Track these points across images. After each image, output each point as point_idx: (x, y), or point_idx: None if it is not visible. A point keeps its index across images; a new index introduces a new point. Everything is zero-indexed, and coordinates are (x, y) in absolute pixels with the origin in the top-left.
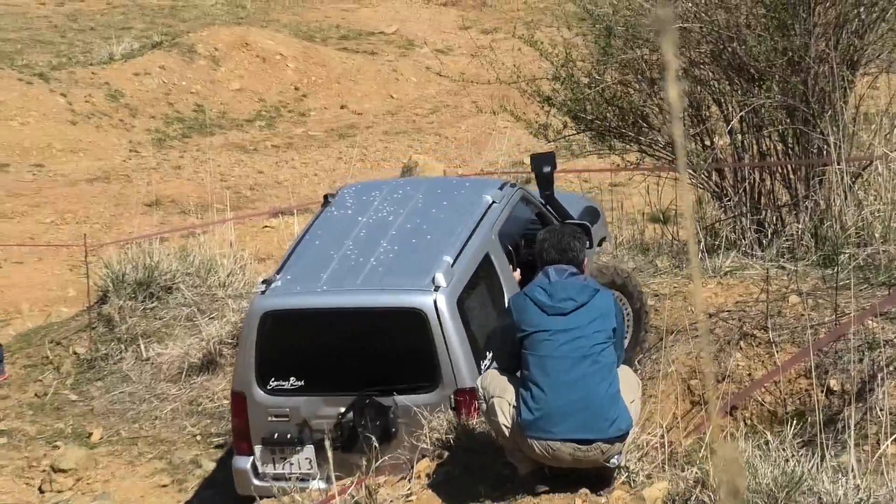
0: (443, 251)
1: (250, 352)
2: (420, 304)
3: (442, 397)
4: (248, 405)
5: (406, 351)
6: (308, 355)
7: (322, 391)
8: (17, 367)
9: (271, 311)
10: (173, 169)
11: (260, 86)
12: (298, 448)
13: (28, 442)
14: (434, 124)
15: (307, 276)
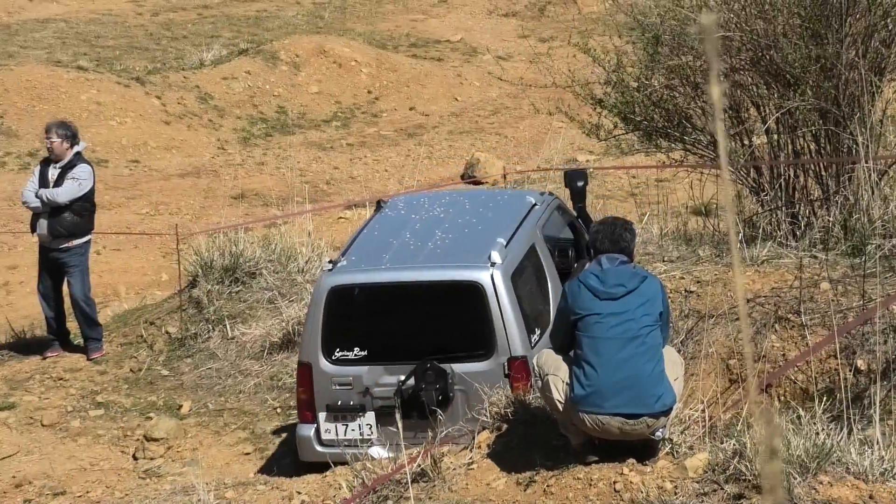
0: (495, 236)
1: (317, 325)
2: (478, 278)
3: (496, 365)
4: (314, 375)
5: (463, 322)
6: (371, 327)
7: (384, 360)
8: (114, 345)
9: (338, 287)
10: (257, 165)
11: (336, 89)
12: (360, 414)
13: (123, 413)
14: (495, 124)
15: (370, 257)
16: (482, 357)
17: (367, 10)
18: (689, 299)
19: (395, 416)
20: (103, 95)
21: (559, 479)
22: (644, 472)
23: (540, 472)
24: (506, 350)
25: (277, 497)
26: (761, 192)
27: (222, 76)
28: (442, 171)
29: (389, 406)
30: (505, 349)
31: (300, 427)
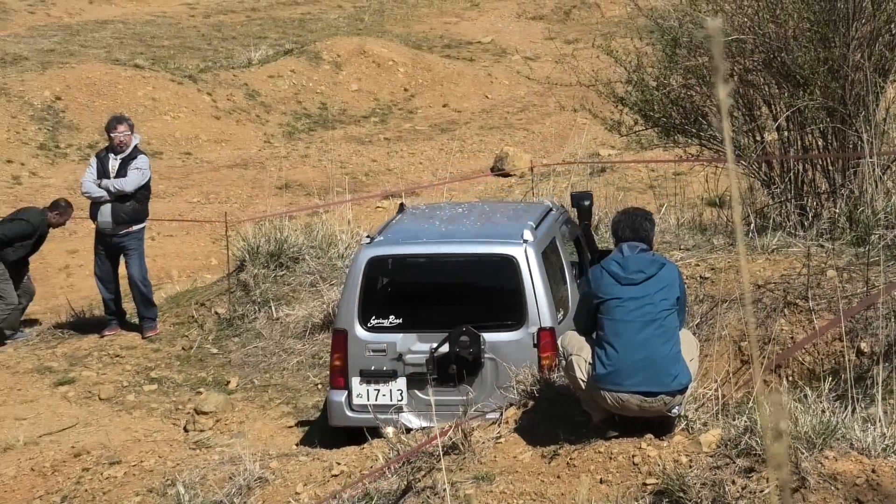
0: (522, 224)
1: (354, 294)
2: (512, 252)
3: (526, 335)
4: (349, 341)
5: (496, 294)
6: (407, 296)
7: (417, 329)
8: (167, 324)
9: (376, 257)
10: (300, 157)
11: (375, 87)
12: (392, 380)
13: (175, 388)
14: (523, 121)
15: (405, 236)
16: (513, 327)
17: (403, 14)
18: (704, 285)
19: (426, 381)
20: (158, 92)
21: (581, 453)
22: (661, 447)
23: (563, 445)
24: (535, 321)
25: (318, 467)
26: (772, 185)
27: (269, 74)
28: (473, 164)
29: (421, 372)
30: (535, 320)
31: (331, 393)
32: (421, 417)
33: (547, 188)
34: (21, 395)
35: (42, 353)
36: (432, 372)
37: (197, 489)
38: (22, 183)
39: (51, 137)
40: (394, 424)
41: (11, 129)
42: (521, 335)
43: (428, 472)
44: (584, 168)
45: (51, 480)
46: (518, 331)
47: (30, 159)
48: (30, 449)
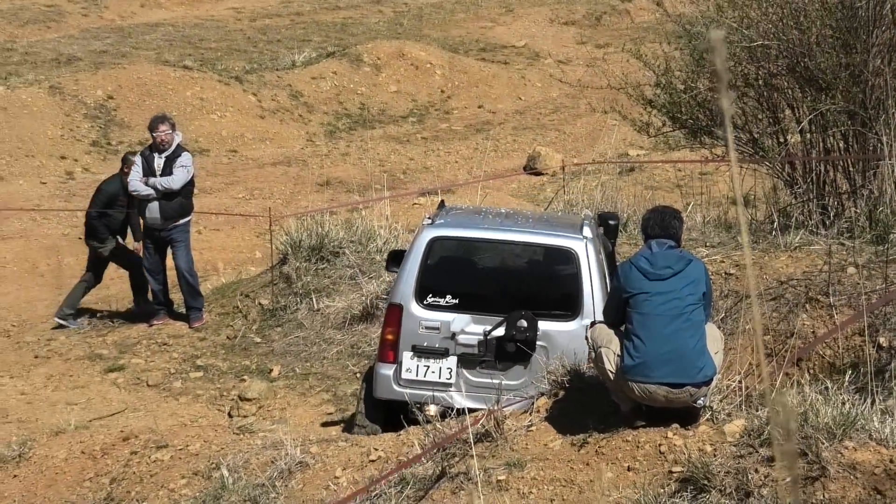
0: (571, 225)
1: (414, 271)
2: (573, 246)
3: (580, 327)
4: (404, 316)
5: (553, 284)
6: (465, 278)
7: (473, 310)
8: (213, 314)
9: (439, 237)
10: (341, 155)
11: (413, 89)
12: (443, 358)
13: (220, 376)
14: (555, 121)
15: (465, 221)
16: (568, 318)
17: (441, 18)
18: (729, 281)
19: (475, 362)
20: (206, 92)
21: (610, 441)
22: (686, 436)
23: (592, 434)
24: (591, 314)
25: (357, 453)
26: (795, 185)
27: (312, 76)
28: (506, 163)
29: (472, 353)
30: (590, 313)
31: (379, 366)
32: (467, 398)
33: (577, 187)
34: (73, 380)
35: (93, 341)
36: (484, 354)
37: (240, 472)
38: (75, 178)
39: (103, 135)
40: (440, 402)
41: (65, 127)
42: (574, 326)
43: (461, 458)
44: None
45: (100, 463)
46: (572, 322)
47: (82, 155)
48: (80, 433)
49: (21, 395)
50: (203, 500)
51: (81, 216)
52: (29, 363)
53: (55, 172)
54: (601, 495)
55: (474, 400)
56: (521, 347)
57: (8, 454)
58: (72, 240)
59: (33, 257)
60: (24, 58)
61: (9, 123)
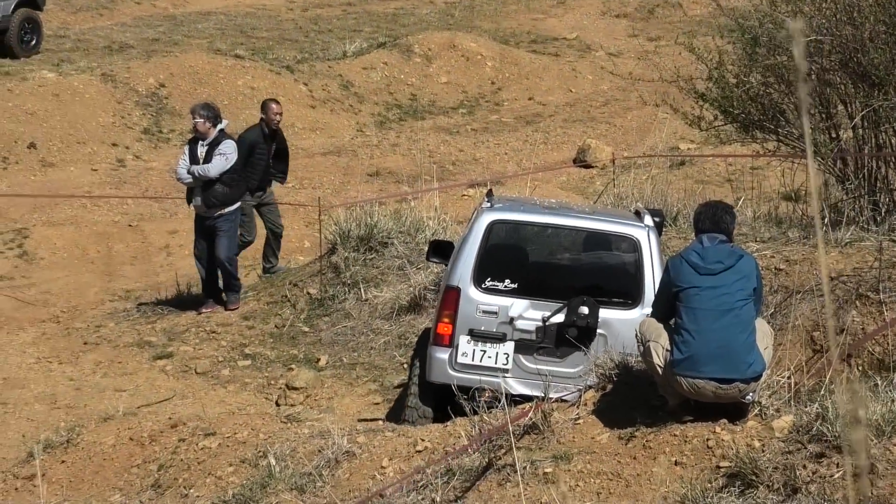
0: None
1: (472, 254)
2: (636, 234)
3: (640, 315)
4: (461, 300)
5: (615, 272)
6: (525, 263)
7: (532, 295)
8: (262, 303)
9: (499, 221)
10: (391, 146)
11: (463, 80)
12: (500, 343)
13: (268, 364)
14: (605, 114)
15: (524, 209)
16: (629, 306)
17: (492, 10)
18: (779, 276)
19: (533, 348)
20: (257, 81)
21: (657, 435)
22: (734, 431)
23: (640, 428)
24: (651, 302)
25: (403, 443)
26: (846, 181)
27: (362, 66)
28: (556, 156)
29: (530, 339)
30: (650, 301)
31: (434, 349)
32: (523, 384)
33: (627, 180)
34: (121, 367)
35: (142, 328)
36: (542, 340)
37: (287, 461)
38: (126, 165)
39: (154, 123)
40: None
41: (117, 114)
42: (635, 315)
43: (508, 450)
44: (664, 161)
45: (148, 450)
46: (632, 310)
47: (134, 143)
48: (129, 419)
49: (70, 381)
50: (250, 488)
51: (133, 203)
52: (78, 349)
53: (106, 160)
54: (648, 489)
55: (530, 387)
56: (581, 334)
57: (56, 440)
58: (122, 227)
59: (83, 244)
60: (77, 45)
61: (61, 110)
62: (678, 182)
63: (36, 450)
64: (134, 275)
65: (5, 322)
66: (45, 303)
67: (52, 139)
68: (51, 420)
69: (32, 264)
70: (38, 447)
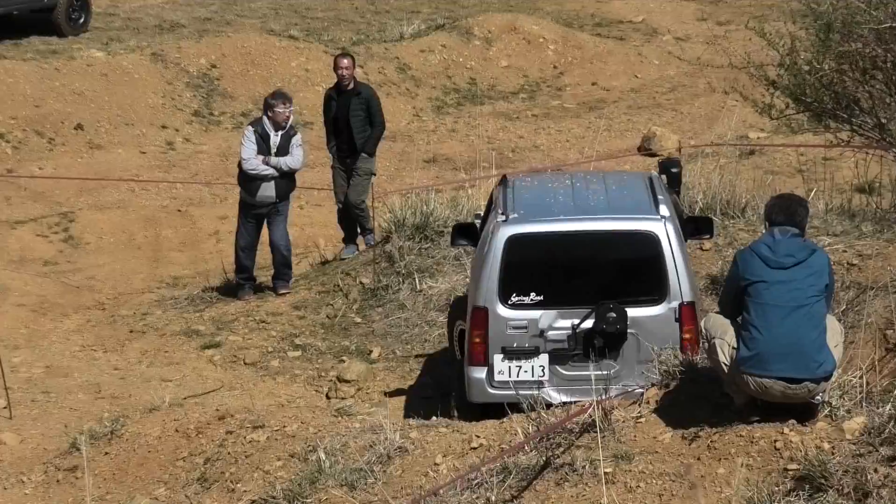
0: (644, 197)
1: (494, 272)
2: (653, 228)
3: (668, 310)
4: (490, 319)
5: (637, 269)
6: (548, 274)
7: (559, 305)
8: (313, 292)
9: (516, 236)
10: (448, 132)
11: (524, 64)
12: (534, 356)
13: (319, 356)
14: (672, 101)
15: (538, 211)
16: (655, 302)
17: None
18: (851, 272)
19: (567, 357)
20: (311, 63)
21: (722, 436)
22: (803, 433)
23: (704, 428)
24: (678, 295)
25: (457, 439)
26: None
27: (420, 49)
28: (620, 143)
29: (562, 348)
30: (677, 294)
31: (471, 370)
32: (562, 393)
33: (694, 169)
34: (168, 356)
35: (190, 317)
36: (574, 348)
37: (338, 456)
38: (175, 148)
39: (205, 105)
40: (535, 400)
41: (167, 96)
42: (662, 310)
43: (567, 448)
44: (733, 150)
45: (194, 442)
46: (660, 306)
47: (184, 125)
48: (175, 410)
49: (115, 371)
50: (299, 483)
51: (182, 187)
52: (123, 338)
53: (155, 142)
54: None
55: (570, 394)
56: (610, 340)
57: (100, 431)
58: (170, 212)
59: (131, 229)
60: (126, 23)
61: (109, 91)
62: (747, 172)
63: (80, 440)
64: (182, 261)
65: (49, 308)
66: (90, 289)
67: (99, 120)
68: (94, 410)
69: (78, 249)
70: (83, 438)
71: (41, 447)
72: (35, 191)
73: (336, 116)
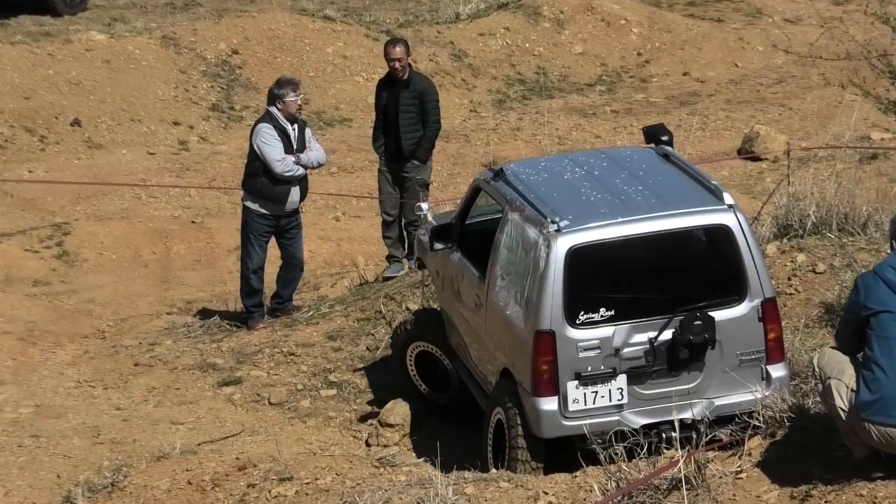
0: (687, 179)
1: (557, 289)
2: (726, 220)
3: (750, 309)
4: (558, 342)
5: (713, 268)
6: (615, 285)
7: (631, 318)
8: (351, 319)
9: (577, 247)
10: (511, 130)
11: (602, 50)
12: (611, 379)
13: (357, 395)
14: (778, 95)
15: (588, 214)
16: (735, 302)
17: None
18: None
19: (647, 376)
20: (350, 49)
21: (839, 496)
22: None
23: (817, 486)
24: (758, 292)
25: (521, 496)
26: None
27: (479, 32)
28: (716, 145)
29: (640, 366)
30: (758, 291)
31: (539, 401)
32: (642, 415)
33: (805, 176)
34: (179, 395)
35: (205, 348)
36: (653, 364)
37: None
38: (189, 149)
39: (225, 97)
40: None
41: (180, 86)
42: (744, 310)
43: None
44: (852, 154)
45: (210, 497)
46: (740, 305)
47: (199, 122)
48: (187, 459)
49: (116, 411)
50: None
51: (197, 195)
52: (127, 372)
53: (166, 141)
54: None
55: (650, 415)
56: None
57: (98, 482)
58: (183, 223)
59: (136, 243)
60: (133, 1)
61: (112, 80)
62: (869, 180)
63: (74, 493)
64: (197, 282)
65: (40, 337)
66: (88, 314)
67: (100, 115)
68: (92, 458)
69: (74, 267)
70: (78, 490)
71: (29, 501)
72: (24, 198)
73: (385, 111)
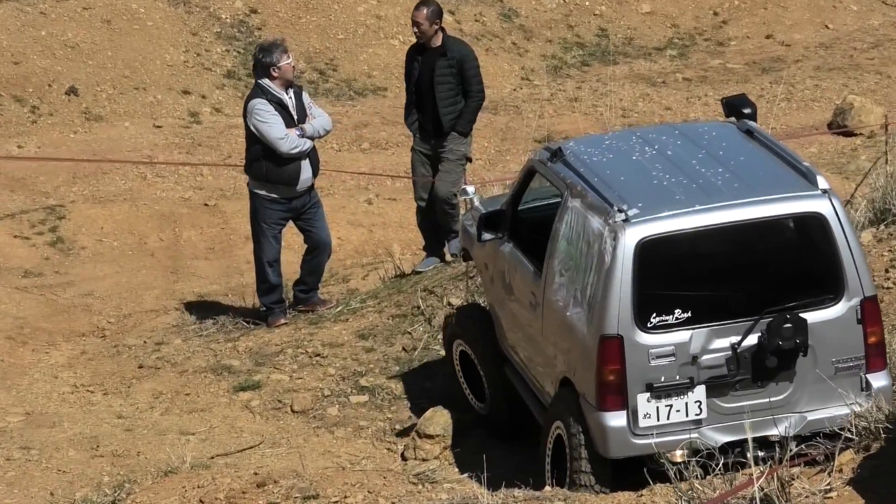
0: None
1: (625, 289)
2: (820, 208)
3: (848, 309)
4: (626, 349)
5: (803, 262)
6: (693, 282)
7: (712, 321)
8: (385, 316)
9: (649, 239)
10: (568, 101)
11: (674, 9)
12: (689, 391)
13: (392, 402)
14: (875, 61)
15: (661, 200)
16: (831, 301)
17: None
18: None
19: (729, 386)
20: (384, 8)
21: None
22: None
23: None
24: (857, 290)
25: None
26: None
27: None
28: (803, 118)
29: (722, 376)
30: (857, 289)
31: (605, 416)
32: (723, 432)
33: None
34: (190, 401)
35: (219, 348)
36: (737, 373)
37: None
38: (201, 122)
39: (241, 63)
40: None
41: (191, 50)
42: (841, 310)
43: None
44: None
45: None
46: (836, 305)
47: (213, 91)
48: (198, 474)
49: (118, 420)
50: None
51: (210, 173)
52: (130, 375)
53: (174, 113)
54: None
55: (732, 432)
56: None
57: (98, 500)
58: (194, 206)
59: (141, 229)
60: None
61: (113, 43)
62: None
63: None
64: (210, 273)
65: (31, 335)
66: (85, 309)
67: (100, 83)
68: (90, 472)
69: (70, 255)
70: None
71: None
72: (13, 176)
73: (419, 83)
